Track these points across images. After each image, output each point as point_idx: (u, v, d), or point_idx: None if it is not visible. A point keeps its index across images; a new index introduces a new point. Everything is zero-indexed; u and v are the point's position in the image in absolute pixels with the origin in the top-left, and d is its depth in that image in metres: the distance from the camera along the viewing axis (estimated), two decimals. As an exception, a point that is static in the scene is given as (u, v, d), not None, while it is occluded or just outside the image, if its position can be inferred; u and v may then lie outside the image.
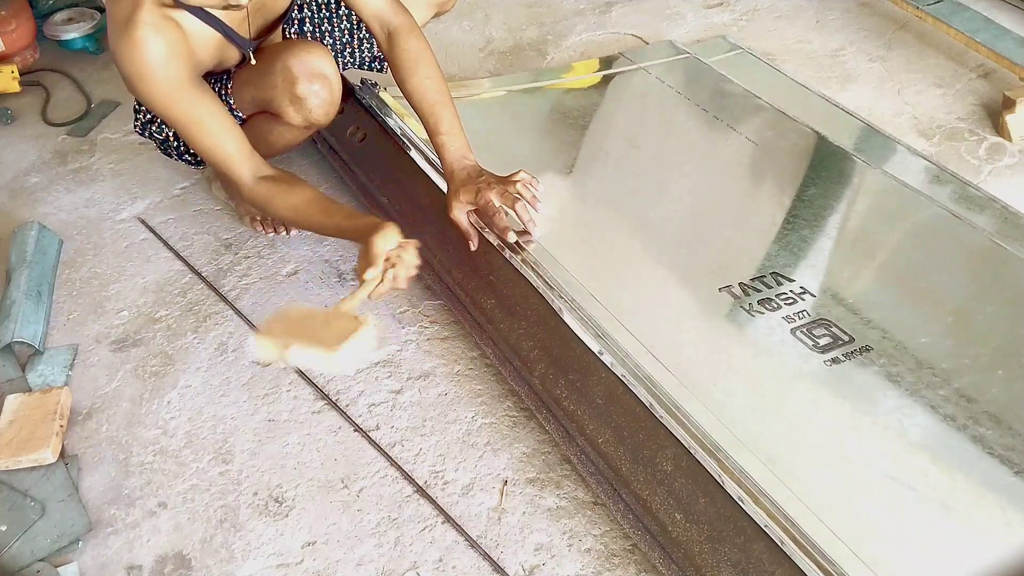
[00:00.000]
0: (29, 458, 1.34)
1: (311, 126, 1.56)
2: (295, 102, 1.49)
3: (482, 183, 1.45)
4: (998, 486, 1.15)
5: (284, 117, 1.52)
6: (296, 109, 1.50)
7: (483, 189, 1.45)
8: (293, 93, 1.48)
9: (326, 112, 1.53)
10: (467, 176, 1.47)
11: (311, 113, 1.51)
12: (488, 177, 1.47)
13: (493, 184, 1.45)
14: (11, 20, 2.30)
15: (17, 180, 2.02)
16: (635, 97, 2.08)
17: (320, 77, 1.49)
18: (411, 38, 1.51)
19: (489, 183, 1.45)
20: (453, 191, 1.48)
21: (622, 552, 1.24)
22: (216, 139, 1.41)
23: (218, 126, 1.41)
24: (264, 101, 1.53)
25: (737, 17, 2.54)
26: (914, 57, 2.31)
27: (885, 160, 1.82)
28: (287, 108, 1.50)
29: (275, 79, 1.49)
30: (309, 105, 1.50)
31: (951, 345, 1.35)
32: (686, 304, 1.44)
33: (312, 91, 1.49)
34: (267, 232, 1.81)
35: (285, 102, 1.50)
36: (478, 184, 1.46)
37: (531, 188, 1.46)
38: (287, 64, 1.48)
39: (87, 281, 1.73)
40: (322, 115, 1.53)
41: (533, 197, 1.46)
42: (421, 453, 1.39)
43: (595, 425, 1.27)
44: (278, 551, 1.26)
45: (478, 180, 1.46)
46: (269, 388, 1.50)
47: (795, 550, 1.04)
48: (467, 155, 1.50)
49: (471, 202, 1.46)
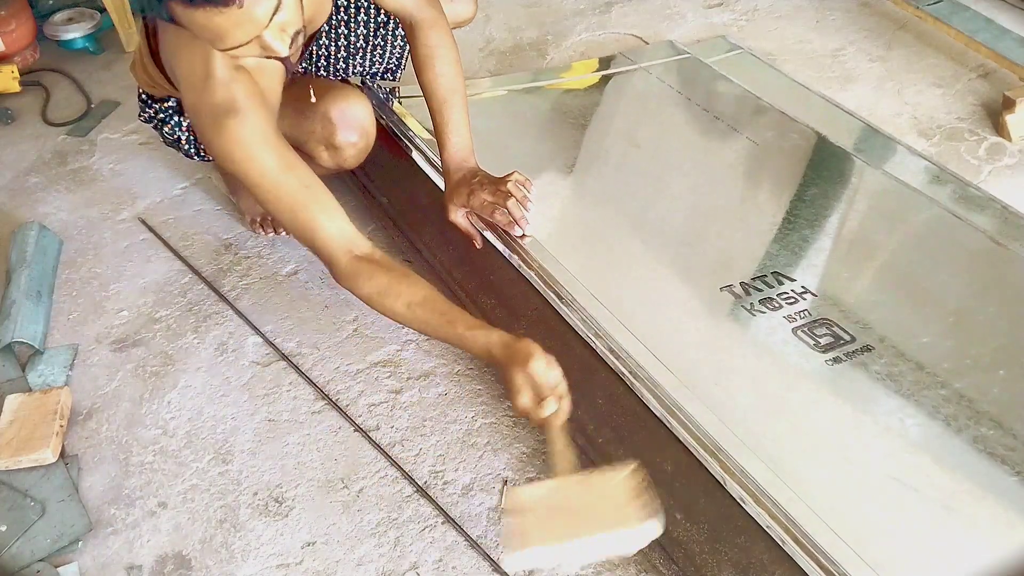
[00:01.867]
0: (29, 458, 1.34)
1: (342, 169, 1.58)
2: (331, 149, 1.51)
3: (475, 184, 1.46)
4: (999, 486, 1.15)
5: (317, 160, 1.52)
6: (331, 155, 1.52)
7: (476, 191, 1.45)
8: (331, 142, 1.50)
9: (359, 160, 1.56)
10: (462, 178, 1.48)
11: (345, 161, 1.53)
12: (482, 178, 1.47)
13: (486, 184, 1.46)
14: (11, 20, 2.30)
15: (17, 180, 2.01)
16: (635, 97, 2.08)
17: (359, 128, 1.51)
18: (431, 33, 1.48)
19: (482, 183, 1.46)
20: (448, 194, 1.49)
21: (623, 552, 1.24)
22: (308, 211, 1.25)
23: (310, 195, 1.25)
24: (298, 141, 1.49)
25: (737, 17, 2.53)
26: (914, 57, 2.31)
27: (885, 160, 1.82)
28: (322, 153, 1.52)
29: (313, 125, 1.49)
30: (345, 155, 1.52)
31: (952, 345, 1.35)
32: (687, 304, 1.44)
33: (350, 142, 1.51)
34: (267, 233, 1.80)
35: (321, 148, 1.51)
36: (471, 185, 1.46)
37: (523, 188, 1.46)
38: (328, 113, 1.48)
39: (87, 281, 1.73)
40: (355, 163, 1.56)
41: (524, 196, 1.45)
42: (421, 453, 1.39)
43: (595, 425, 1.27)
44: (278, 551, 1.26)
45: (471, 182, 1.46)
46: (269, 388, 1.50)
47: (796, 550, 1.04)
48: (467, 157, 1.49)
49: (464, 204, 1.47)
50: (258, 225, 1.81)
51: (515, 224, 1.45)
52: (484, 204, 1.45)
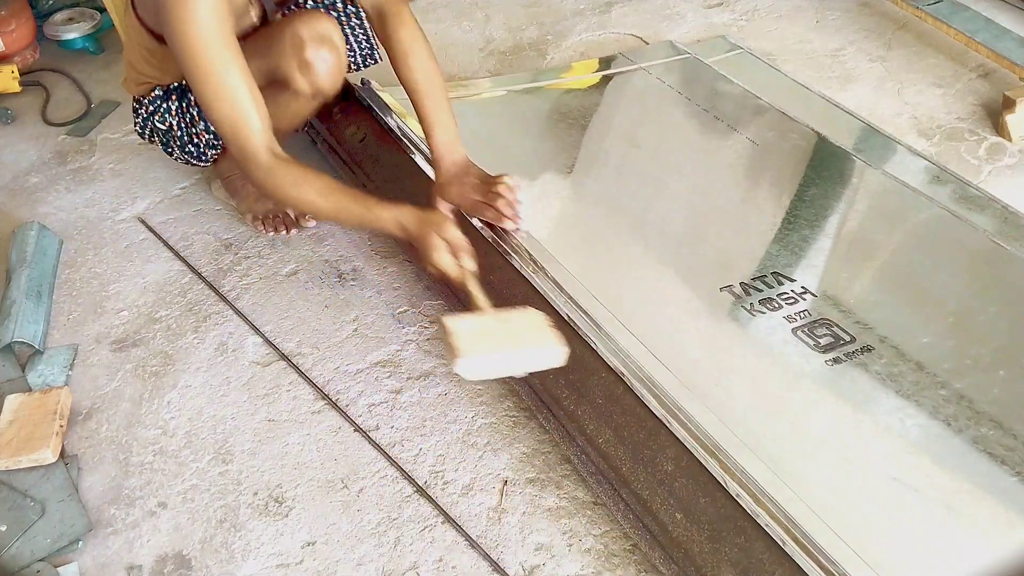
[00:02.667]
0: (29, 458, 1.34)
1: (317, 94, 1.54)
2: (303, 67, 1.49)
3: (467, 184, 1.50)
4: (999, 487, 1.15)
5: (292, 84, 1.51)
6: (303, 73, 1.50)
7: (467, 192, 1.50)
8: (301, 58, 1.48)
9: (333, 80, 1.52)
10: (455, 171, 1.52)
11: (318, 78, 1.50)
12: (474, 175, 1.51)
13: (477, 185, 1.50)
14: (11, 20, 2.30)
15: (17, 180, 2.01)
16: (635, 97, 2.08)
17: (328, 42, 1.50)
18: (401, 27, 1.54)
19: (473, 185, 1.50)
20: (437, 187, 1.54)
21: (622, 552, 1.24)
22: (240, 104, 1.35)
23: (245, 91, 1.35)
24: (271, 69, 1.52)
25: (737, 17, 2.54)
26: (914, 57, 2.31)
27: (885, 160, 1.82)
28: (295, 73, 1.50)
29: (283, 45, 1.50)
30: (316, 70, 1.49)
31: (952, 345, 1.35)
32: (687, 304, 1.44)
33: (319, 56, 1.49)
34: (267, 231, 1.80)
35: (293, 66, 1.50)
36: (462, 184, 1.51)
37: (513, 191, 1.49)
38: (296, 30, 1.49)
39: (87, 281, 1.73)
40: (328, 82, 1.52)
41: (514, 199, 1.49)
42: (421, 453, 1.39)
43: (595, 425, 1.27)
44: (278, 551, 1.26)
45: (464, 178, 1.51)
46: (269, 388, 1.50)
47: (796, 550, 1.04)
48: (456, 147, 1.53)
49: (454, 202, 1.52)
50: (260, 222, 1.81)
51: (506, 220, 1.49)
52: (475, 205, 1.50)
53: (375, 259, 1.74)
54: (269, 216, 1.80)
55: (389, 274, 1.71)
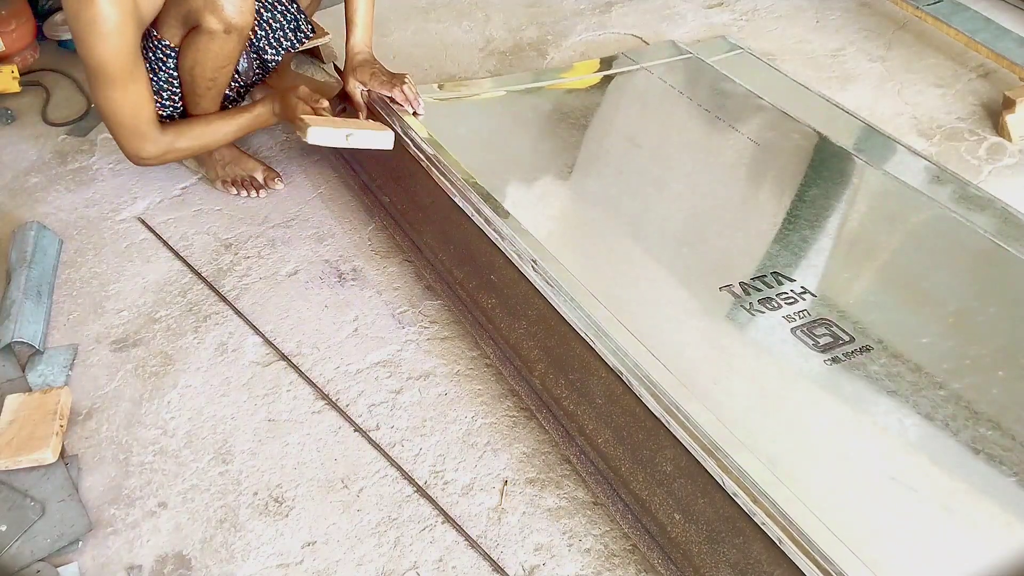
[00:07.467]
0: (29, 458, 1.34)
1: (231, 29, 1.61)
2: (209, 5, 1.57)
3: (376, 69, 1.81)
4: (998, 487, 1.15)
5: (205, 26, 1.59)
6: (211, 12, 1.57)
7: (376, 73, 1.80)
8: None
9: (240, 10, 1.59)
10: (363, 60, 1.82)
11: (224, 12, 1.57)
12: (380, 67, 1.82)
13: (384, 72, 1.81)
14: (11, 20, 2.30)
15: (17, 180, 2.02)
16: (636, 97, 2.08)
17: None
18: None
19: (381, 71, 1.81)
20: (348, 69, 1.83)
21: (622, 552, 1.24)
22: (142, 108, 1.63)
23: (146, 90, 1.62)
24: (185, 17, 1.62)
25: (737, 17, 2.53)
26: (914, 57, 2.31)
27: (885, 160, 1.82)
28: (205, 15, 1.58)
29: None
30: (221, 5, 1.57)
31: (951, 346, 1.35)
32: (686, 303, 1.44)
33: None
34: (239, 192, 1.91)
35: (200, 7, 1.58)
36: (372, 69, 1.80)
37: (413, 88, 1.80)
38: None
39: (87, 281, 1.73)
40: (236, 13, 1.59)
41: (414, 94, 1.80)
42: (421, 453, 1.39)
43: (595, 425, 1.27)
44: (278, 551, 1.26)
45: (373, 66, 1.82)
46: (269, 388, 1.50)
47: (794, 550, 1.04)
48: (369, 46, 1.85)
49: (363, 82, 1.81)
50: (231, 185, 1.91)
51: (409, 103, 1.78)
52: (382, 83, 1.80)
53: (375, 259, 1.75)
54: (238, 179, 1.91)
55: (389, 274, 1.71)
